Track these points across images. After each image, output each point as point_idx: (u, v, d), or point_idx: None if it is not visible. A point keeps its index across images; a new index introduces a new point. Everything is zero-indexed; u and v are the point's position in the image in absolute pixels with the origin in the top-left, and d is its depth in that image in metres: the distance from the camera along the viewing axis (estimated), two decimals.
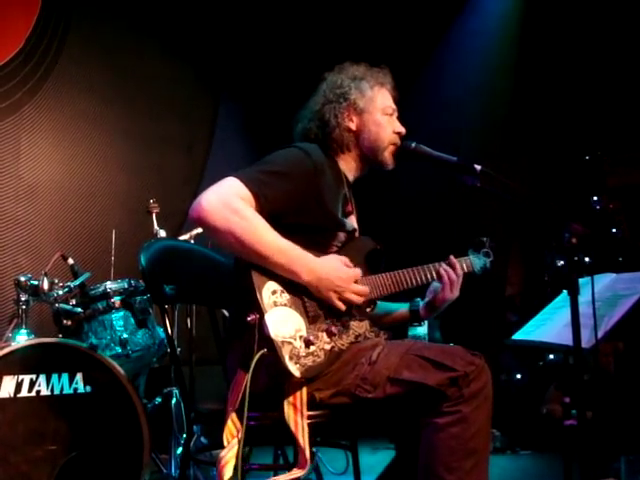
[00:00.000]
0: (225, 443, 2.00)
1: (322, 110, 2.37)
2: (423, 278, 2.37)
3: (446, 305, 2.42)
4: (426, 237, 5.75)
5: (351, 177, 2.41)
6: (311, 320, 2.09)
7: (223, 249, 2.05)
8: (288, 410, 2.03)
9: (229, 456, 1.97)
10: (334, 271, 2.12)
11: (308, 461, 2.01)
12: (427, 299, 2.45)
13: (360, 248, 2.31)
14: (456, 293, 2.40)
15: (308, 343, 2.03)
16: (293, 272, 2.07)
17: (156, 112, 5.46)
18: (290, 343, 2.01)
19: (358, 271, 2.19)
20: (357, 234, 2.38)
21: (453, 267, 2.40)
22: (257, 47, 6.11)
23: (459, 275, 2.40)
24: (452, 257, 2.43)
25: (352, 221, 2.38)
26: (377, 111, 2.38)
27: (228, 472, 1.97)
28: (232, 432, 2.01)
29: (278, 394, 2.05)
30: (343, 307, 2.13)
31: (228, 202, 2.00)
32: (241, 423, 1.99)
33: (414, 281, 2.35)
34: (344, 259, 2.18)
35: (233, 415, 2.02)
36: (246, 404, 1.96)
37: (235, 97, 6.09)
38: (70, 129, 4.99)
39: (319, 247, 2.18)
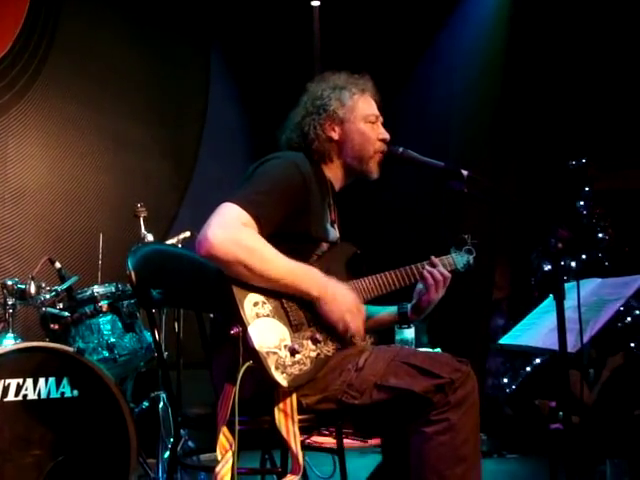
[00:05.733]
0: (219, 457, 1.99)
1: (302, 122, 2.36)
2: (406, 280, 2.36)
3: (432, 306, 2.41)
4: (412, 241, 5.75)
5: (337, 186, 2.41)
6: (295, 329, 2.08)
7: (235, 278, 2.04)
8: (279, 417, 2.03)
9: (224, 470, 1.97)
10: (352, 296, 2.14)
11: (301, 466, 2.02)
12: (413, 301, 2.44)
13: (340, 254, 2.31)
14: (441, 293, 2.39)
15: (293, 352, 2.03)
16: (303, 291, 2.08)
17: (144, 116, 5.45)
18: (275, 353, 2.01)
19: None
20: (339, 242, 2.37)
21: (435, 267, 2.38)
22: (249, 49, 6.12)
23: (442, 274, 2.38)
24: (433, 257, 2.42)
25: (335, 230, 2.37)
26: (359, 120, 2.36)
27: None
28: (225, 446, 2.00)
29: (266, 399, 2.05)
30: (349, 331, 2.12)
31: (233, 233, 2.00)
32: (233, 436, 1.99)
33: (397, 283, 2.34)
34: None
35: (224, 429, 2.01)
36: (236, 418, 1.96)
37: (225, 101, 6.08)
38: (58, 132, 4.97)
39: (301, 256, 2.16)
